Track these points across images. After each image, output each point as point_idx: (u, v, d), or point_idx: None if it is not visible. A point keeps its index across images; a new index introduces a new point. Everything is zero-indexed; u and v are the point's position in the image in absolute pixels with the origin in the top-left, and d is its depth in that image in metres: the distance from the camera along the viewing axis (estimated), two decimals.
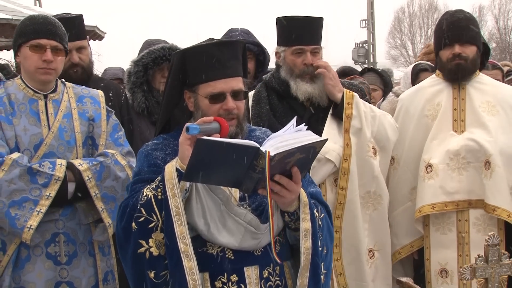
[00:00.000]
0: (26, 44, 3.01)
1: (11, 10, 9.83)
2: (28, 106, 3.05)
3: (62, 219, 3.04)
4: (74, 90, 3.22)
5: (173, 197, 2.14)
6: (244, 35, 4.42)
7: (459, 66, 3.52)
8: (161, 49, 3.94)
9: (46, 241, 3.02)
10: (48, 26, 3.02)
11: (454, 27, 3.51)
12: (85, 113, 3.17)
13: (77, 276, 3.07)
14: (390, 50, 43.24)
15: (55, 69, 3.05)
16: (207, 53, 2.30)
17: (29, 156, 2.98)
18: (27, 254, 3.00)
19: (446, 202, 3.47)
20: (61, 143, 3.05)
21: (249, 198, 2.33)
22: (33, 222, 2.88)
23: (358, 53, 31.55)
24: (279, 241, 2.37)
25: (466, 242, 3.48)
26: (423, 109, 3.65)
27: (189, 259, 2.14)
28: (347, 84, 3.61)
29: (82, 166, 3.01)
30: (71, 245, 3.06)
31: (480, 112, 3.52)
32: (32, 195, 2.90)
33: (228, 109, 2.29)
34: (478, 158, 3.44)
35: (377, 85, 5.36)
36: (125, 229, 2.23)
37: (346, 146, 3.32)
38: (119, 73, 6.38)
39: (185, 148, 2.15)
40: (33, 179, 2.91)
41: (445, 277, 3.52)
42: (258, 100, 3.48)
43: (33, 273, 2.99)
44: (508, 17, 39.85)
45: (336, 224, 3.33)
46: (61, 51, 3.06)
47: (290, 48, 3.36)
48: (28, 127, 3.01)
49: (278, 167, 2.10)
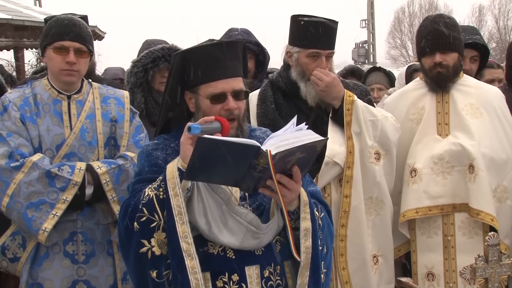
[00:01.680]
0: (50, 46, 3.07)
1: (11, 10, 9.83)
2: (52, 107, 3.11)
3: (80, 218, 3.10)
4: (100, 91, 3.27)
5: (175, 196, 2.15)
6: (244, 35, 4.42)
7: (440, 75, 3.52)
8: (161, 49, 3.94)
9: (64, 240, 3.08)
10: (72, 28, 3.07)
11: (434, 35, 3.49)
12: (108, 114, 3.22)
13: (94, 275, 3.11)
14: (390, 50, 43.27)
15: (78, 70, 3.10)
16: (207, 53, 2.30)
17: (51, 156, 3.04)
18: (46, 252, 3.07)
19: (430, 206, 3.47)
20: (83, 143, 3.10)
21: (250, 198, 2.34)
22: (48, 225, 2.94)
23: (358, 53, 31.59)
24: (279, 240, 2.37)
25: (452, 246, 3.48)
26: (407, 113, 3.65)
27: (191, 258, 2.15)
28: (352, 85, 3.57)
29: (100, 169, 3.05)
30: (89, 244, 3.11)
31: (463, 115, 3.51)
32: (49, 198, 2.96)
33: (229, 109, 2.30)
34: (462, 162, 3.44)
35: (384, 85, 5.37)
36: (127, 229, 2.23)
37: (349, 153, 3.31)
38: (119, 73, 6.39)
39: (187, 148, 2.15)
40: (51, 182, 2.96)
41: (431, 280, 3.53)
42: (264, 99, 3.46)
43: (50, 270, 3.06)
44: (508, 17, 39.87)
45: (342, 233, 3.33)
46: (84, 52, 3.11)
47: (306, 50, 3.29)
48: (51, 127, 3.07)
49: (279, 166, 2.10)
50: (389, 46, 43.27)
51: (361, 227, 3.37)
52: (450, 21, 3.56)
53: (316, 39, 3.26)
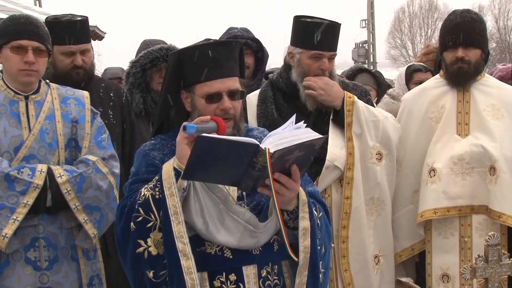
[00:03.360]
0: (7, 45, 2.92)
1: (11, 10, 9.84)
2: (8, 108, 2.96)
3: (42, 223, 2.96)
4: (58, 91, 3.14)
5: (171, 196, 2.14)
6: (243, 32, 4.41)
7: (461, 70, 3.47)
8: (159, 49, 3.93)
9: (25, 246, 2.94)
10: (30, 27, 2.93)
11: (459, 29, 3.44)
12: (69, 115, 3.09)
13: (58, 281, 2.99)
14: (390, 50, 43.25)
15: (37, 70, 2.97)
16: (203, 53, 2.29)
17: (9, 159, 2.90)
18: (6, 259, 2.91)
19: (449, 207, 3.43)
20: (42, 145, 2.96)
21: (247, 197, 2.33)
22: (8, 231, 2.80)
23: (358, 53, 31.55)
24: (277, 240, 2.36)
25: (468, 247, 3.44)
26: (426, 111, 3.60)
27: (187, 258, 2.14)
28: (352, 85, 3.56)
29: (61, 178, 2.92)
30: (52, 250, 2.98)
31: (484, 115, 3.47)
32: (9, 202, 2.82)
33: (224, 109, 2.29)
34: (483, 163, 3.40)
35: (371, 85, 5.36)
36: (123, 229, 2.22)
37: (349, 155, 3.30)
38: (119, 72, 6.36)
39: (183, 147, 2.15)
40: (11, 186, 2.82)
41: (446, 282, 3.49)
42: (264, 100, 3.44)
43: (12, 278, 2.91)
44: (508, 17, 39.84)
45: (343, 235, 3.32)
46: (43, 52, 2.97)
47: (309, 51, 3.27)
48: (8, 129, 2.92)
49: (278, 164, 2.10)
50: (389, 46, 43.28)
51: (362, 228, 3.36)
52: (476, 17, 3.52)
53: (319, 41, 3.23)
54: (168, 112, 2.48)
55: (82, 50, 3.71)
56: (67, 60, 3.62)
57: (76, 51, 3.63)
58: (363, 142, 3.34)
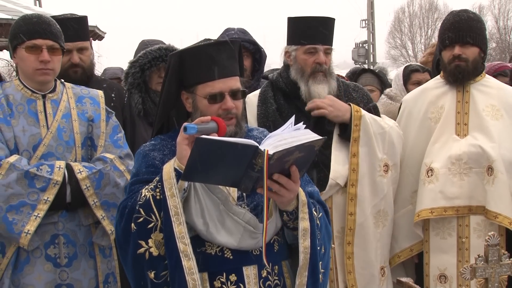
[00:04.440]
0: (21, 46, 2.96)
1: (11, 10, 9.81)
2: (26, 107, 3.01)
3: (61, 220, 3.00)
4: (74, 90, 3.19)
5: (172, 197, 2.15)
6: (240, 34, 4.41)
7: (458, 68, 3.47)
8: (158, 49, 3.92)
9: (45, 243, 2.98)
10: (43, 26, 2.97)
11: (455, 27, 3.45)
12: (85, 114, 3.14)
13: (77, 278, 3.03)
14: (390, 50, 43.23)
15: (53, 69, 3.01)
16: (204, 53, 2.30)
17: (28, 157, 2.94)
18: (26, 256, 2.95)
19: (446, 207, 3.43)
20: (60, 143, 3.01)
21: (247, 198, 2.34)
22: (31, 227, 2.84)
23: (358, 53, 31.53)
24: (278, 240, 2.37)
25: (466, 248, 3.44)
26: (426, 111, 3.60)
27: (188, 258, 2.14)
28: (353, 86, 3.55)
29: (81, 174, 2.96)
30: (71, 246, 3.02)
31: (484, 116, 3.46)
32: (29, 199, 2.86)
33: (227, 108, 2.30)
34: (481, 163, 3.40)
35: (375, 86, 5.35)
36: (124, 230, 2.23)
37: (352, 171, 3.28)
38: (118, 72, 6.36)
39: (183, 148, 2.15)
40: (31, 183, 2.86)
41: (444, 283, 3.48)
42: (264, 100, 3.44)
43: (32, 276, 2.95)
44: (508, 17, 39.82)
45: (348, 251, 3.30)
46: (57, 50, 3.01)
47: (303, 47, 3.29)
48: (27, 128, 2.97)
49: (277, 166, 2.10)
50: (389, 46, 43.26)
51: (367, 244, 3.34)
52: (474, 16, 3.52)
53: (311, 35, 3.27)
54: (168, 112, 2.48)
55: (79, 48, 3.72)
56: (64, 58, 3.60)
57: (72, 48, 3.63)
58: (372, 156, 3.32)
